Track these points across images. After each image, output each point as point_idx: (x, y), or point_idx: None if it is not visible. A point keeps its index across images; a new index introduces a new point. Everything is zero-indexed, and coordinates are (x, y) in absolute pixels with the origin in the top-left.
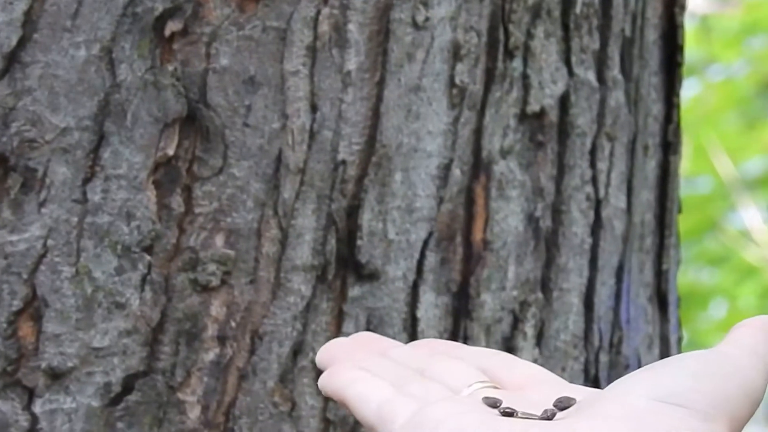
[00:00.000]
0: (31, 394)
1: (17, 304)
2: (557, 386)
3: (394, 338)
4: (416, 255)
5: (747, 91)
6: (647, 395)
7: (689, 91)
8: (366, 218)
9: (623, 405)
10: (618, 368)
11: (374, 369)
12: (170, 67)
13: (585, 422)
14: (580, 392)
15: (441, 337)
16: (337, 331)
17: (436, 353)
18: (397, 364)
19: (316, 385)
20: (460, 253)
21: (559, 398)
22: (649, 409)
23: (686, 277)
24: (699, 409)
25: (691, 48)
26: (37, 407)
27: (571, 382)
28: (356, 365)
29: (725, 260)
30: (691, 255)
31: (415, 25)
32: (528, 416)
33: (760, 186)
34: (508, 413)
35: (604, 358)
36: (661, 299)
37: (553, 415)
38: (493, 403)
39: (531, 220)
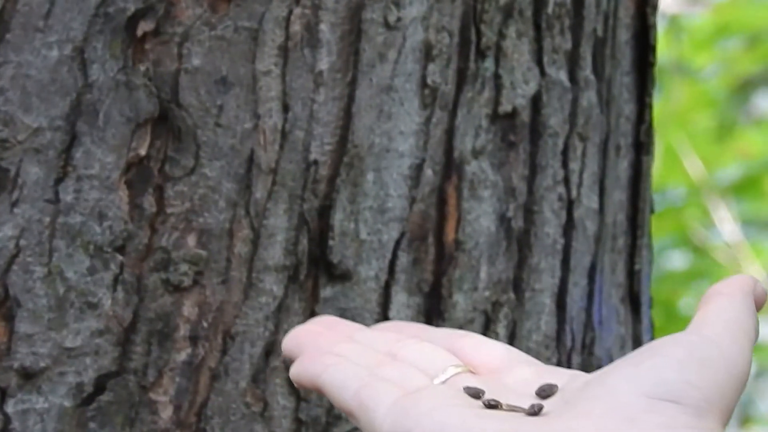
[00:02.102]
0: (3, 394)
1: None
2: (532, 368)
3: None
4: (388, 255)
5: (719, 95)
6: (639, 392)
7: (660, 93)
8: (338, 218)
9: (615, 403)
10: (590, 369)
11: (346, 354)
12: (142, 67)
13: (578, 422)
14: (558, 376)
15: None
16: None
17: (404, 336)
18: (367, 348)
19: (289, 385)
20: (432, 254)
21: (541, 386)
22: (642, 407)
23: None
24: (692, 404)
25: (662, 49)
26: (10, 407)
27: None
28: (327, 351)
29: (703, 275)
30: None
31: (387, 25)
32: (513, 409)
33: (734, 195)
34: (492, 405)
35: (576, 358)
36: (633, 300)
37: (540, 408)
38: (475, 394)
39: (503, 220)
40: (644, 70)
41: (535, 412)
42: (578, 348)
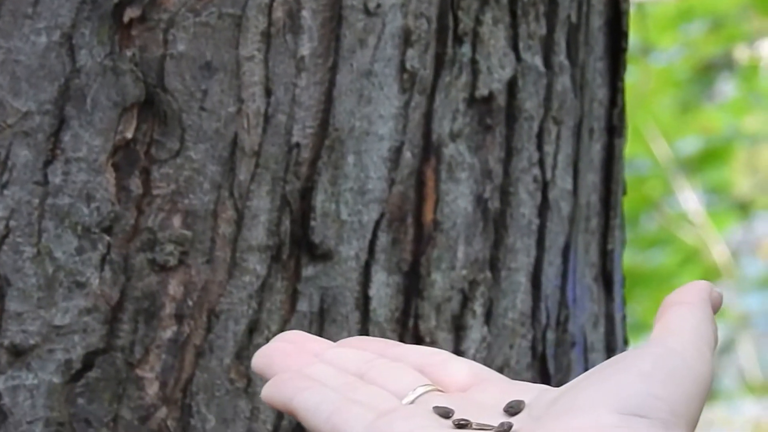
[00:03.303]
0: None
1: None
2: (500, 385)
3: (347, 317)
4: (368, 235)
5: (683, 76)
6: (607, 408)
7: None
8: (319, 200)
9: (584, 420)
10: (564, 346)
11: (317, 376)
12: (129, 53)
13: None
14: (525, 392)
15: (392, 316)
16: (292, 310)
17: (372, 355)
18: (338, 370)
19: None
20: (411, 234)
21: (509, 403)
22: (611, 423)
23: (628, 258)
24: (660, 418)
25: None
26: (0, 384)
27: (518, 359)
28: (299, 373)
29: (665, 242)
30: (630, 237)
31: (367, 11)
32: (483, 427)
33: (695, 167)
34: (462, 425)
35: (550, 335)
36: (606, 279)
37: (510, 427)
38: (444, 414)
39: (480, 201)
40: (616, 55)
41: (504, 430)
42: (553, 325)
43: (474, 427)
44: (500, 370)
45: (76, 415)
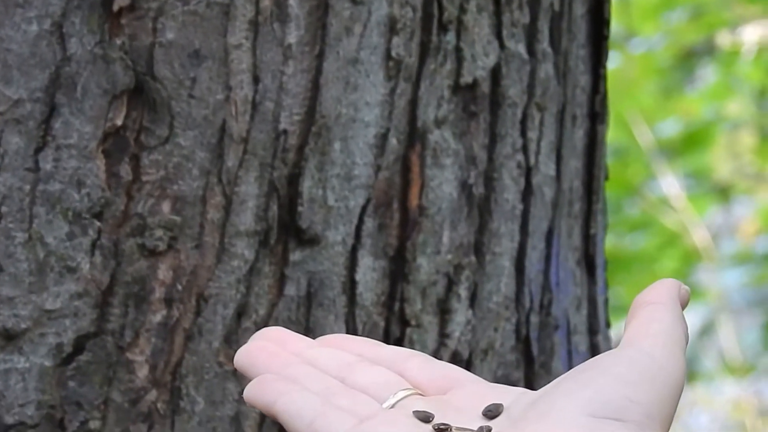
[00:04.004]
0: None
1: None
2: (478, 388)
3: (333, 301)
4: (355, 221)
5: (665, 63)
6: (583, 411)
7: (610, 63)
8: (306, 185)
9: (562, 424)
10: (548, 328)
11: (299, 379)
12: (118, 41)
13: None
14: (504, 395)
15: (379, 300)
16: (279, 294)
17: (353, 356)
18: (319, 373)
19: None
20: (397, 219)
21: (487, 407)
22: (587, 426)
23: (611, 242)
24: (635, 420)
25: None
26: None
27: (502, 342)
28: (281, 376)
29: (647, 226)
30: (613, 221)
31: (353, 0)
32: (463, 431)
33: (677, 152)
34: (443, 430)
35: (534, 319)
36: (588, 262)
37: (489, 430)
38: (425, 418)
39: (464, 187)
40: (599, 43)
41: None
42: (536, 308)
43: (454, 431)
44: (485, 353)
45: (68, 398)
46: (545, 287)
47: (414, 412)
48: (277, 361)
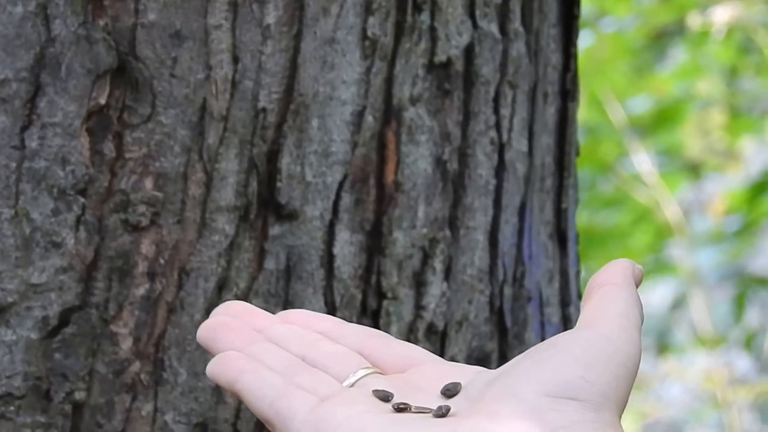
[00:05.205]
0: None
1: None
2: (437, 367)
3: (312, 274)
4: (332, 196)
5: (637, 43)
6: (540, 391)
7: (583, 42)
8: (285, 162)
9: (520, 403)
10: (521, 300)
11: (261, 357)
12: (101, 23)
13: (486, 423)
14: (461, 374)
15: (356, 273)
16: (259, 268)
17: (314, 335)
18: (281, 351)
19: None
20: (373, 194)
21: (446, 386)
22: (544, 406)
23: (585, 218)
24: (591, 400)
25: (584, 1)
26: None
27: (476, 314)
28: (243, 353)
29: (620, 202)
30: (587, 197)
31: None
32: (421, 410)
33: (648, 130)
34: (402, 409)
35: (507, 291)
36: (560, 236)
37: (448, 410)
38: (384, 397)
39: (439, 163)
40: (569, 22)
41: (442, 414)
42: (510, 281)
43: (413, 410)
44: (459, 325)
45: (53, 370)
46: (518, 260)
47: (374, 391)
48: (240, 338)
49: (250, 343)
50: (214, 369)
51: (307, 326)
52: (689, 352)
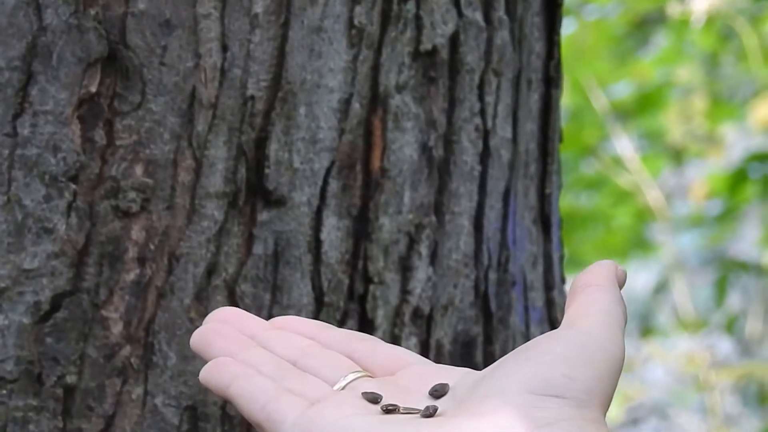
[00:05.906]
0: None
1: None
2: (425, 368)
3: (300, 259)
4: (319, 182)
5: (619, 30)
6: (525, 389)
7: (566, 29)
8: (273, 149)
9: (505, 402)
10: (505, 285)
11: (253, 363)
12: (92, 12)
13: (472, 422)
14: (449, 375)
15: (343, 258)
16: (248, 253)
17: (305, 340)
18: (273, 356)
19: (229, 301)
20: (360, 180)
21: (434, 387)
22: (528, 403)
23: (567, 200)
24: (574, 397)
25: None
26: None
27: (462, 298)
28: (235, 360)
29: (601, 185)
30: (569, 180)
31: None
32: (410, 411)
33: (631, 114)
34: (390, 410)
35: (492, 275)
36: (544, 221)
37: (435, 410)
38: (373, 399)
39: (425, 149)
40: (553, 10)
41: (430, 414)
42: (494, 265)
43: (401, 411)
44: (445, 309)
45: (45, 354)
46: (503, 245)
47: (363, 393)
48: (232, 344)
49: (243, 349)
50: (207, 375)
51: (298, 332)
52: (672, 335)
